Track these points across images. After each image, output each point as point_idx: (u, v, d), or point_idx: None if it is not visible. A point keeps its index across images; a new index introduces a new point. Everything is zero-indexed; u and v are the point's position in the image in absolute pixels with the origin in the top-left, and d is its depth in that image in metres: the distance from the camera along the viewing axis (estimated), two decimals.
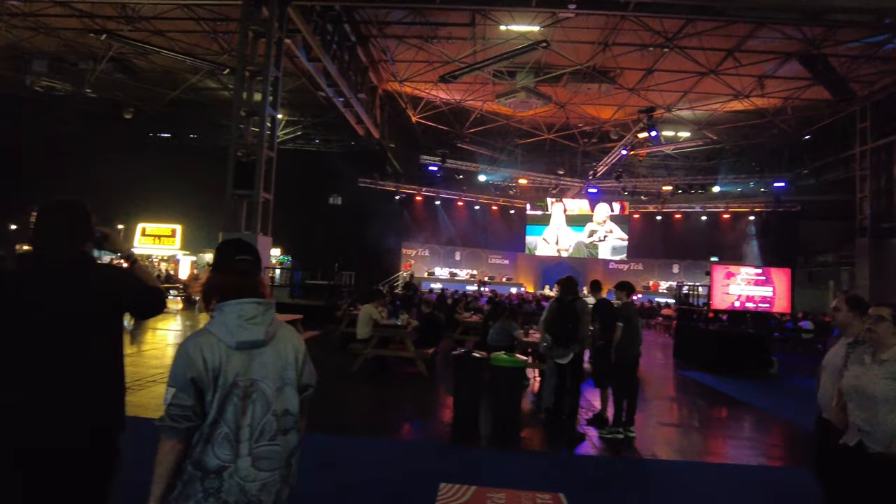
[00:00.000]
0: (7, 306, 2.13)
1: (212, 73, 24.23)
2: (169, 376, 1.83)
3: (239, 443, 1.81)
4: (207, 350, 1.83)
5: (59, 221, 2.29)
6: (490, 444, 5.98)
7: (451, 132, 27.68)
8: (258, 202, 13.48)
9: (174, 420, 1.78)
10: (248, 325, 1.88)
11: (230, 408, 1.81)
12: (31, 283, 2.18)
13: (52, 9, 19.38)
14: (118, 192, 28.33)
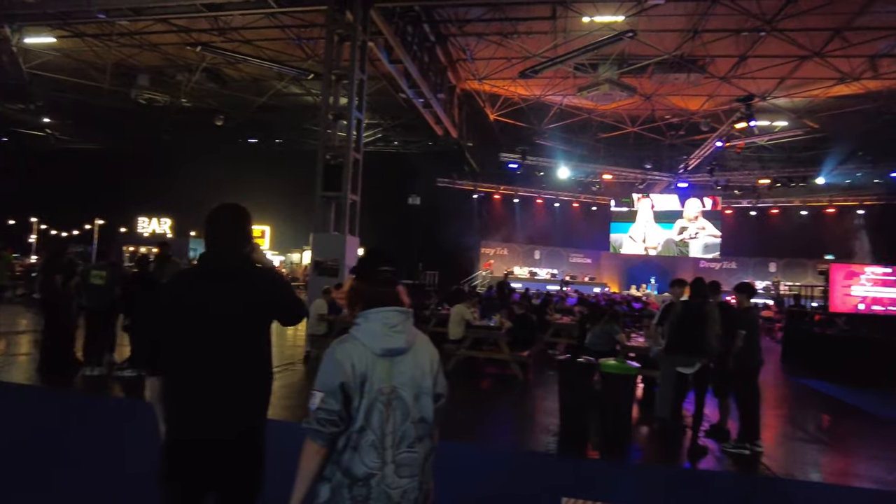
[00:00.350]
0: (184, 304, 2.27)
1: (296, 80, 25.04)
2: (316, 381, 1.86)
3: (384, 450, 1.84)
4: (356, 356, 1.87)
5: (229, 225, 2.39)
6: (602, 455, 5.60)
7: (529, 129, 27.18)
8: (346, 203, 13.64)
9: (321, 424, 1.83)
10: (391, 332, 1.92)
11: (376, 414, 1.85)
12: (205, 283, 2.31)
13: (154, 26, 20.64)
14: (211, 196, 29.96)
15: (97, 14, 16.00)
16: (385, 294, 1.98)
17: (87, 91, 28.21)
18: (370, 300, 1.96)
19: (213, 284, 2.28)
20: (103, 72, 25.57)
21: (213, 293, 2.26)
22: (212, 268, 2.34)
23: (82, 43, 22.73)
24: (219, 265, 2.33)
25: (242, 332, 2.28)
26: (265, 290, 2.38)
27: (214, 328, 2.24)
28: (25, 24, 18.53)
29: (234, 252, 2.36)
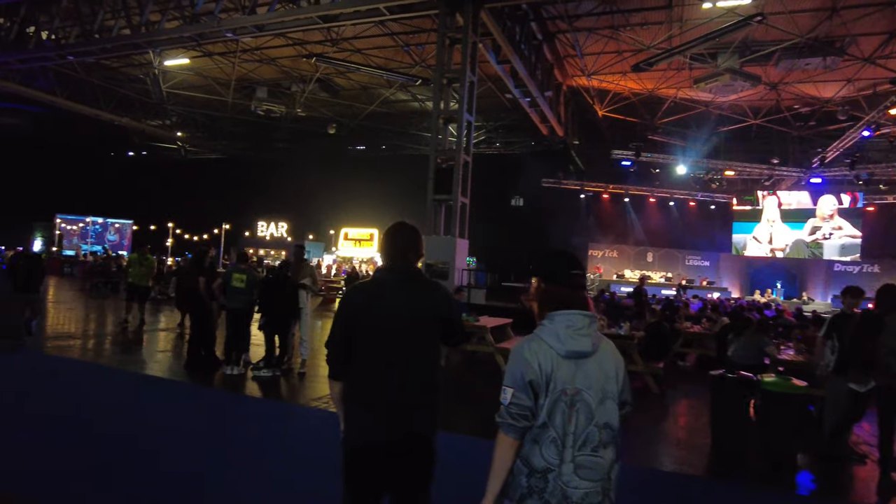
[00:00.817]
0: (368, 310, 2.41)
1: (403, 86, 25.62)
2: (505, 376, 1.94)
3: (564, 448, 1.89)
4: (542, 356, 1.92)
5: (408, 241, 2.54)
6: (765, 484, 5.02)
7: (640, 124, 25.96)
8: (457, 206, 13.63)
9: (514, 418, 1.90)
10: (576, 335, 1.95)
11: (558, 413, 1.90)
12: (388, 292, 2.44)
13: (273, 41, 21.93)
14: (323, 200, 31.51)
15: (226, 33, 17.15)
16: (574, 298, 2.01)
17: (212, 106, 30.61)
18: (559, 303, 2.00)
19: (395, 294, 2.42)
20: (227, 87, 27.58)
21: (395, 302, 2.40)
22: (394, 278, 2.47)
23: (210, 62, 24.66)
24: (401, 276, 2.47)
25: (420, 341, 2.41)
26: (440, 305, 2.51)
27: (395, 335, 2.36)
28: (165, 48, 20.25)
29: (412, 265, 2.54)
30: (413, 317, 2.40)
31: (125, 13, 18.34)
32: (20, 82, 24.24)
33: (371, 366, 2.36)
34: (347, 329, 2.40)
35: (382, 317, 2.38)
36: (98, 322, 11.67)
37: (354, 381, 2.39)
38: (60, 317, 11.98)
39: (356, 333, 2.38)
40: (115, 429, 4.79)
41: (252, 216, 31.91)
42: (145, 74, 25.31)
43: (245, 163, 35.91)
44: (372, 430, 2.33)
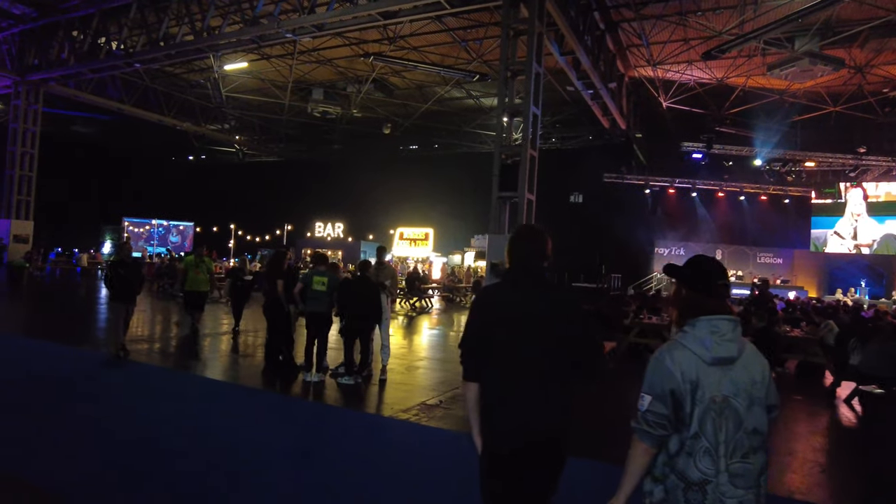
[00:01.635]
0: (504, 313, 2.38)
1: (459, 83, 25.26)
2: (644, 384, 1.92)
3: (718, 458, 1.86)
4: (685, 364, 1.90)
5: (540, 244, 2.49)
6: None
7: (706, 115, 24.73)
8: (523, 203, 13.11)
9: (650, 426, 1.89)
10: (721, 341, 1.92)
11: (708, 422, 1.87)
12: (522, 295, 2.41)
13: (329, 42, 21.97)
14: (378, 200, 31.53)
15: (286, 34, 17.17)
16: (719, 307, 1.98)
17: (269, 109, 31.11)
18: (702, 311, 1.97)
19: (531, 299, 2.38)
20: (284, 89, 27.90)
21: (532, 307, 2.36)
22: (528, 282, 2.43)
23: (268, 64, 24.96)
24: (536, 281, 2.43)
25: (554, 344, 2.35)
26: (575, 316, 2.46)
27: (532, 341, 2.33)
28: (226, 52, 20.55)
29: (543, 269, 2.50)
30: (549, 323, 2.36)
31: (188, 19, 18.66)
32: (92, 91, 25.17)
33: (508, 370, 2.34)
34: (484, 331, 2.38)
35: (520, 321, 2.35)
36: (166, 325, 11.70)
37: (490, 384, 2.37)
38: (132, 319, 12.14)
39: (492, 336, 2.35)
40: (199, 444, 4.54)
41: (309, 217, 32.26)
42: (206, 79, 25.88)
43: (301, 164, 36.38)
44: (511, 434, 2.31)
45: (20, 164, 23.26)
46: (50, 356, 7.64)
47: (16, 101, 23.03)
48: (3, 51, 21.96)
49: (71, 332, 10.03)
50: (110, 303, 7.59)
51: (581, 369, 2.45)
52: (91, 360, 7.34)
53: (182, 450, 4.36)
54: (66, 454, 4.16)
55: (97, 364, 7.11)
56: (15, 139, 23.12)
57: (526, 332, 2.33)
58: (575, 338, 2.41)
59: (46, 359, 7.48)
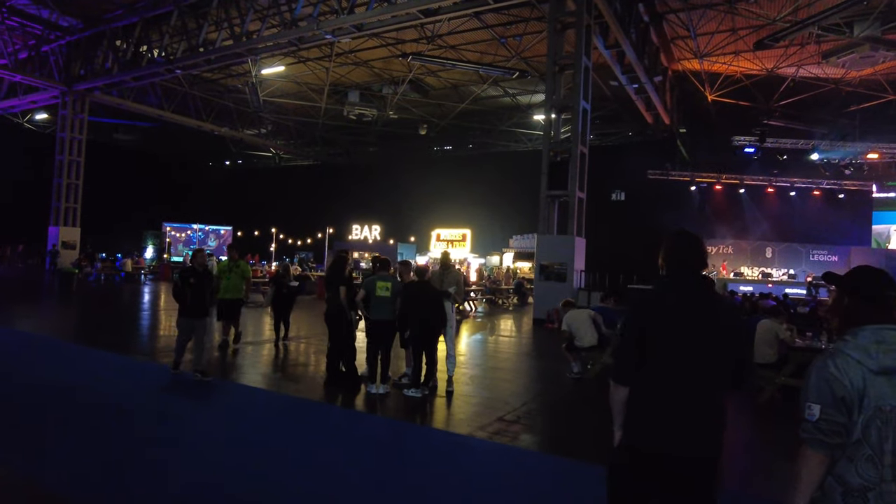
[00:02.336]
0: (666, 318, 2.32)
1: (495, 82, 24.88)
2: (808, 392, 1.88)
3: (882, 467, 1.82)
4: (851, 372, 1.85)
5: (698, 250, 2.42)
6: None
7: (753, 108, 23.77)
8: (574, 202, 12.67)
9: (826, 434, 1.85)
10: (889, 350, 1.85)
11: (873, 431, 1.83)
12: (685, 301, 2.35)
13: (366, 43, 21.85)
14: (414, 202, 31.28)
15: (325, 35, 17.07)
16: (885, 317, 1.93)
17: (305, 112, 31.24)
18: (868, 321, 1.92)
19: (695, 304, 2.34)
20: (320, 92, 27.94)
21: (697, 312, 2.32)
22: (692, 288, 2.38)
23: (305, 67, 25.00)
24: (698, 286, 2.39)
25: (718, 354, 2.29)
26: (736, 330, 2.41)
27: (693, 349, 2.27)
28: (264, 56, 20.60)
29: (706, 275, 2.46)
30: (711, 332, 2.30)
31: (227, 24, 18.74)
32: (134, 99, 25.62)
33: (665, 378, 2.28)
34: (643, 336, 2.32)
35: (685, 328, 2.29)
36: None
37: (646, 390, 2.31)
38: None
39: (653, 342, 2.29)
40: (280, 465, 4.25)
41: (346, 220, 32.23)
42: (244, 84, 26.06)
43: (336, 167, 36.50)
44: (661, 438, 2.25)
45: (67, 172, 23.77)
46: (119, 369, 7.33)
47: (63, 112, 23.56)
48: (51, 62, 22.45)
49: (134, 342, 9.65)
50: (179, 318, 6.71)
51: (734, 380, 2.37)
52: (158, 375, 7.04)
53: (263, 473, 4.04)
54: (153, 476, 3.92)
55: (162, 379, 6.76)
56: (62, 148, 23.66)
57: (690, 340, 2.27)
58: (738, 348, 2.38)
59: (115, 371, 7.20)
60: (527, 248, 26.15)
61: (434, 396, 6.17)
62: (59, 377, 6.76)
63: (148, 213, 32.00)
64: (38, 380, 6.53)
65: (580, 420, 5.99)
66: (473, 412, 5.73)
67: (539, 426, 5.63)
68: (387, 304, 6.12)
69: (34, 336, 9.67)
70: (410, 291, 6.12)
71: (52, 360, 7.86)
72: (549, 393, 7.08)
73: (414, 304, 6.05)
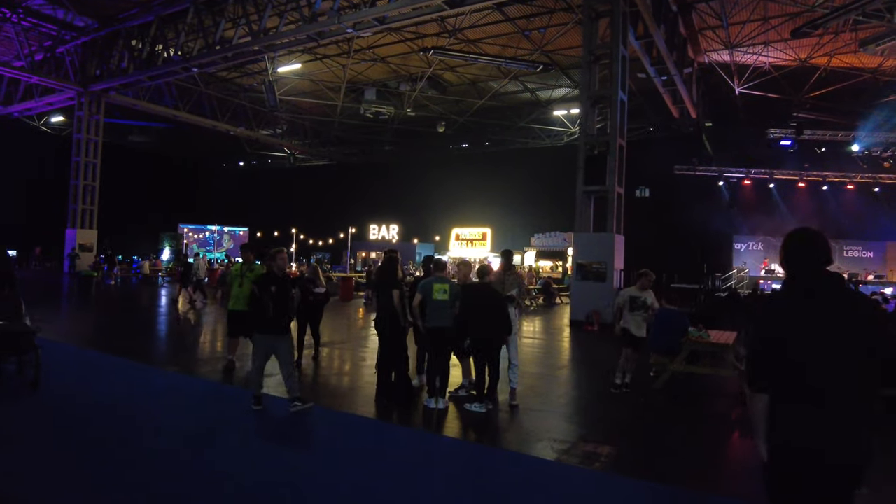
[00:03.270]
0: (805, 325, 2.21)
1: (516, 77, 24.31)
2: None
3: None
4: None
5: (825, 249, 2.32)
6: None
7: (782, 100, 23.03)
8: (613, 197, 12.10)
9: None
10: None
11: None
12: (817, 304, 2.24)
13: (384, 38, 21.36)
14: (432, 201, 30.77)
15: (347, 29, 16.59)
16: None
17: (320, 111, 30.82)
18: None
19: (830, 306, 2.23)
20: (336, 91, 27.51)
21: (833, 315, 2.21)
22: (825, 289, 2.27)
23: (322, 65, 24.55)
24: (833, 287, 2.29)
25: (862, 357, 2.18)
26: (879, 324, 2.29)
27: (837, 351, 2.17)
28: (282, 52, 20.19)
29: (838, 275, 2.41)
30: (855, 334, 2.20)
31: (245, 20, 18.32)
32: (150, 100, 25.32)
33: (809, 385, 2.19)
34: (777, 342, 2.24)
35: (822, 332, 2.20)
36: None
37: (786, 398, 2.22)
38: (208, 334, 11.48)
39: (789, 347, 2.20)
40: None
41: (363, 219, 31.80)
42: (260, 83, 25.65)
43: (352, 167, 36.09)
44: (809, 454, 2.16)
45: (84, 174, 23.49)
46: (190, 394, 6.33)
47: (79, 113, 23.27)
48: (67, 63, 22.17)
49: (193, 359, 8.39)
50: (256, 336, 5.53)
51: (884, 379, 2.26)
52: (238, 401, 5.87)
53: None
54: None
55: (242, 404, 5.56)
56: (79, 149, 23.38)
57: (830, 344, 2.18)
58: (882, 350, 2.25)
59: (191, 397, 6.18)
60: (549, 246, 25.58)
61: (497, 411, 5.60)
62: (129, 401, 5.77)
63: (163, 215, 31.75)
64: (105, 404, 5.61)
65: (664, 438, 5.35)
66: (547, 428, 5.16)
67: (628, 447, 4.98)
68: (445, 309, 5.54)
69: (87, 353, 8.33)
70: (471, 295, 5.56)
71: (116, 379, 6.80)
72: (622, 407, 6.33)
73: (476, 310, 5.49)
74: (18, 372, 6.12)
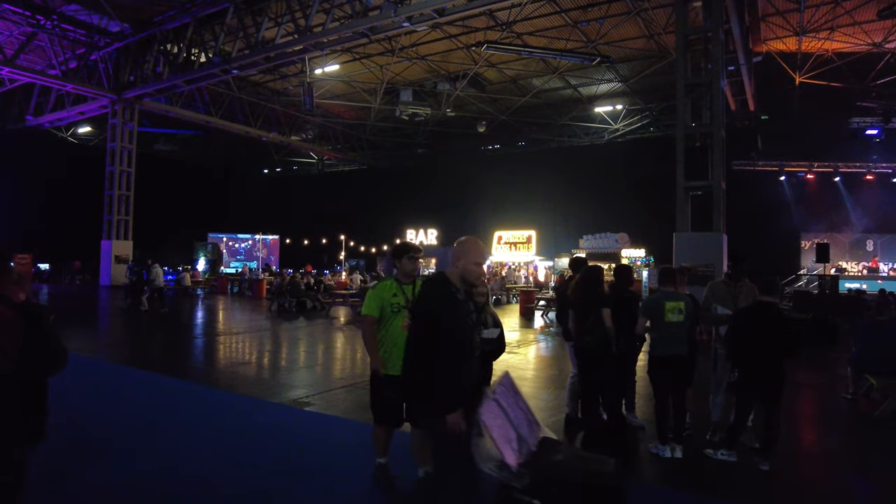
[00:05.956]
0: None
1: (562, 73, 23.31)
2: None
3: None
4: None
5: None
6: None
7: (844, 90, 21.88)
8: (719, 193, 11.07)
9: None
10: None
11: None
12: None
13: (428, 35, 20.42)
14: (473, 204, 29.67)
15: (403, 23, 15.67)
16: None
17: (353, 115, 29.92)
18: None
19: None
20: (371, 93, 26.60)
21: None
22: None
23: (360, 66, 23.63)
24: None
25: None
26: None
27: None
28: (329, 52, 19.32)
29: None
30: None
31: (290, 17, 17.46)
32: (182, 106, 24.56)
33: None
34: None
35: None
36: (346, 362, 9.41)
37: None
38: (304, 355, 10.44)
39: None
40: None
41: (399, 224, 30.82)
42: (297, 85, 24.80)
43: (384, 171, 35.18)
44: None
45: (118, 183, 22.72)
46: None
47: (112, 121, 22.52)
48: (100, 70, 21.41)
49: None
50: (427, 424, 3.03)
51: None
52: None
53: None
54: None
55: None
56: (113, 158, 22.62)
57: None
58: None
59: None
60: (600, 248, 24.49)
61: (760, 459, 4.30)
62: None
63: (194, 224, 30.93)
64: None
65: None
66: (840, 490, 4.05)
67: None
68: (680, 331, 4.47)
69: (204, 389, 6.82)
70: (751, 314, 4.39)
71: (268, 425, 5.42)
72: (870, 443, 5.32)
73: (757, 333, 4.35)
74: None
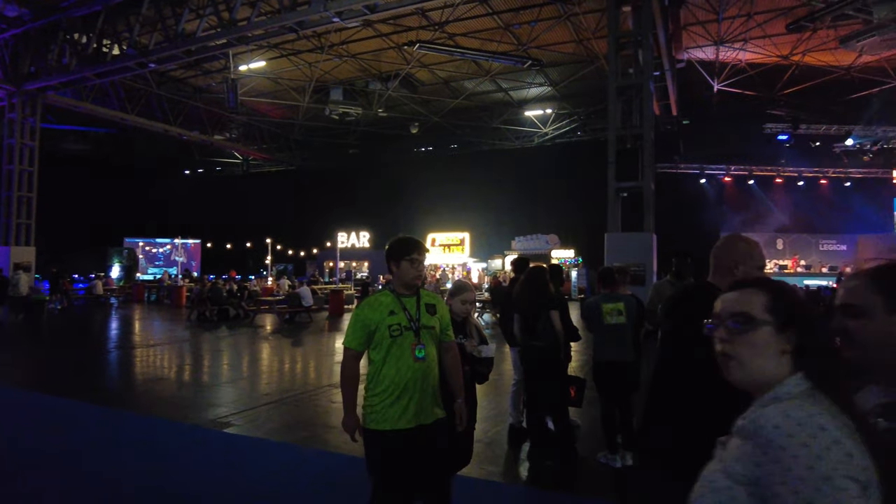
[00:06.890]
0: None
1: (491, 77, 23.45)
2: None
3: None
4: None
5: None
6: None
7: (755, 98, 23.31)
8: (648, 194, 11.32)
9: None
10: None
11: None
12: None
13: (359, 33, 20.00)
14: (405, 206, 29.36)
15: (333, 18, 15.14)
16: None
17: (280, 114, 28.91)
18: None
19: None
20: (300, 91, 25.78)
21: None
22: None
23: (288, 63, 22.78)
24: None
25: None
26: None
27: None
28: (253, 47, 18.47)
29: None
30: None
31: (212, 9, 16.51)
32: (94, 102, 22.79)
33: None
34: None
35: None
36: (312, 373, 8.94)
37: None
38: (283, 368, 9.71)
39: None
40: None
41: (329, 227, 29.99)
42: (220, 82, 23.61)
43: (313, 172, 34.16)
44: None
45: (18, 184, 20.75)
46: None
47: (11, 115, 20.52)
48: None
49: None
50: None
51: None
52: None
53: None
54: None
55: None
56: (12, 157, 20.61)
57: None
58: None
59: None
60: (532, 249, 24.82)
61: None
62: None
63: (108, 229, 28.82)
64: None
65: None
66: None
67: None
68: (623, 335, 4.31)
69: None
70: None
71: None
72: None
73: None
74: None
